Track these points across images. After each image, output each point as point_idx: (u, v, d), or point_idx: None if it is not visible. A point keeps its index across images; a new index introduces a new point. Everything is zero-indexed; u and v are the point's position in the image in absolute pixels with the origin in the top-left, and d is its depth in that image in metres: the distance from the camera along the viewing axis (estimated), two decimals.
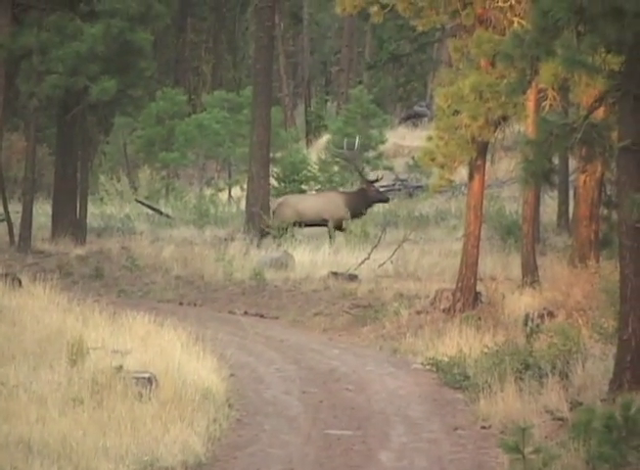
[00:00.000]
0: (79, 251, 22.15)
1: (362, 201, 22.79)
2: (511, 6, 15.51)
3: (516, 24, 15.15)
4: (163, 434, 9.71)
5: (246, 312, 17.63)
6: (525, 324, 13.64)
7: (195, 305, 18.57)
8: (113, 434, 9.51)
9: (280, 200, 23.77)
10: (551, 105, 15.91)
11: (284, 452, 10.01)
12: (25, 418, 9.61)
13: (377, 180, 23.45)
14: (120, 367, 10.86)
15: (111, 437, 9.44)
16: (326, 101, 45.57)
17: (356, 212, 22.75)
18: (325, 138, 35.07)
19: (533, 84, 13.47)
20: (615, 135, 11.21)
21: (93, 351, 11.52)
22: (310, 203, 23.04)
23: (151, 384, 10.72)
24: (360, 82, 41.87)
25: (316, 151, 34.10)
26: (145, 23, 23.19)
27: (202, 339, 12.75)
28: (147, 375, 10.85)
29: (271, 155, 25.72)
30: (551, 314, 14.64)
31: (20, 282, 16.28)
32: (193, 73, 47.40)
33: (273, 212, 22.85)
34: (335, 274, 18.82)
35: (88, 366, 11.00)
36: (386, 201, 23.62)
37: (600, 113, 11.85)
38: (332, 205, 22.71)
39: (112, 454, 9.16)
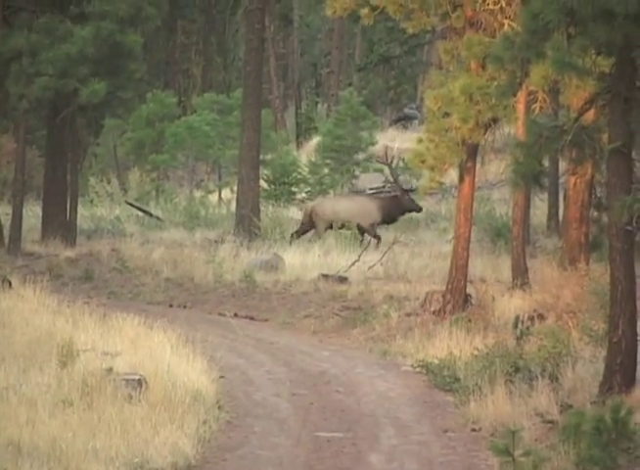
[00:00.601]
0: (69, 253, 22.09)
1: (394, 208, 22.67)
2: (501, 8, 15.48)
3: (506, 27, 15.11)
4: (153, 436, 9.71)
5: (236, 315, 17.55)
6: (515, 326, 13.62)
7: (185, 307, 18.52)
8: (102, 436, 9.51)
9: (314, 202, 23.88)
10: (541, 107, 15.90)
11: (274, 454, 10.00)
12: (15, 420, 9.60)
13: (412, 189, 23.36)
14: (110, 369, 10.86)
15: (100, 439, 9.44)
16: (316, 103, 45.56)
17: (387, 219, 22.68)
18: (315, 140, 35.04)
19: (523, 87, 13.46)
20: (605, 137, 11.18)
21: (83, 353, 11.52)
22: (345, 205, 22.91)
23: (140, 386, 10.72)
24: (350, 84, 41.85)
25: (306, 153, 34.07)
26: (135, 25, 23.17)
27: (191, 341, 12.74)
28: (137, 377, 10.85)
29: (261, 157, 25.75)
30: (541, 317, 14.62)
31: (9, 284, 16.26)
32: (183, 76, 47.32)
33: (309, 214, 22.79)
34: (325, 276, 18.78)
35: (78, 368, 10.99)
36: (418, 210, 23.31)
37: (590, 115, 11.82)
38: (364, 209, 22.58)
39: (101, 456, 9.15)
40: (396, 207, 22.68)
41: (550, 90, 14.83)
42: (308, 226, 22.99)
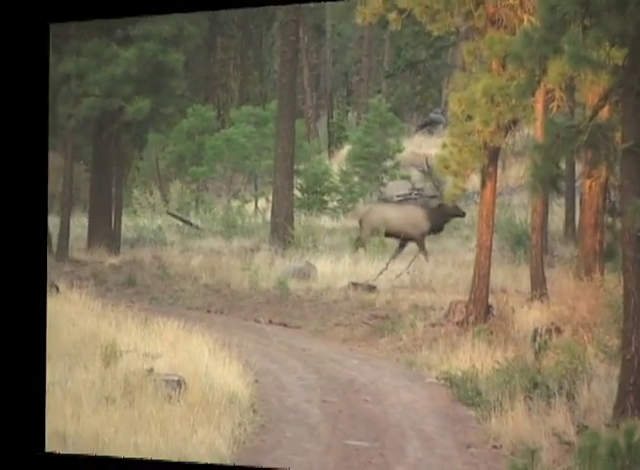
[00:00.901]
0: (113, 260, 22.43)
1: (441, 216, 21.81)
2: (521, 2, 15.23)
3: (525, 22, 14.81)
4: (191, 434, 10.04)
5: (270, 321, 17.60)
6: (534, 340, 13.31)
7: (222, 312, 18.55)
8: (143, 432, 9.85)
9: (365, 208, 22.99)
10: (558, 106, 15.28)
11: (305, 460, 10.15)
12: (61, 413, 9.94)
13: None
14: (151, 370, 11.31)
15: (141, 435, 9.78)
16: (347, 112, 45.52)
17: (435, 228, 21.87)
18: (346, 149, 34.84)
19: (542, 85, 12.84)
20: (619, 136, 10.66)
21: (125, 353, 11.94)
22: (395, 213, 22.03)
23: (180, 386, 11.09)
24: (379, 91, 41.81)
25: (338, 162, 33.55)
26: (177, 44, 23.46)
27: (228, 345, 13.05)
28: (176, 378, 11.23)
29: (295, 167, 25.60)
30: (558, 330, 14.18)
31: (57, 288, 16.67)
32: (222, 90, 47.64)
33: (360, 221, 22.29)
34: (354, 285, 18.73)
35: (120, 368, 11.41)
36: (462, 215, 22.30)
37: (605, 113, 11.50)
38: (413, 219, 21.75)
39: (142, 451, 9.48)
40: (442, 214, 21.74)
41: (567, 87, 14.33)
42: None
